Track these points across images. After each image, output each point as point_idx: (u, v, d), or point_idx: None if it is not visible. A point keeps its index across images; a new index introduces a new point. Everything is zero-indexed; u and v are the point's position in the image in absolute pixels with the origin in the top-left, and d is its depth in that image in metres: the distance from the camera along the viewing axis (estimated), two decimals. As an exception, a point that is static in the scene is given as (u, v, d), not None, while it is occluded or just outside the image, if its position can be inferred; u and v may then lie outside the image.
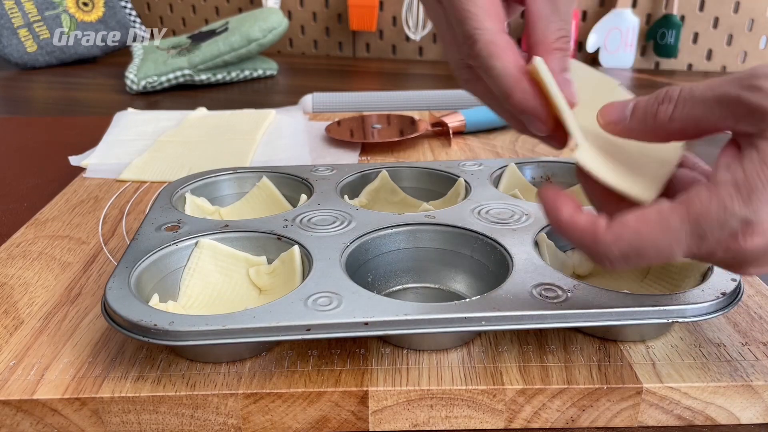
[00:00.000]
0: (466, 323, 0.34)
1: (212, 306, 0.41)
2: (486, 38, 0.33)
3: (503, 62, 0.33)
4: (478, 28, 0.33)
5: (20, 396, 0.34)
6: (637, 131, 0.32)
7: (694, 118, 0.30)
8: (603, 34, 1.27)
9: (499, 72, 0.33)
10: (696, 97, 0.30)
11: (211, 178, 0.54)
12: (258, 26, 1.09)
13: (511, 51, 0.33)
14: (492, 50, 0.33)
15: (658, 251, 0.29)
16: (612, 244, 0.29)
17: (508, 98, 0.33)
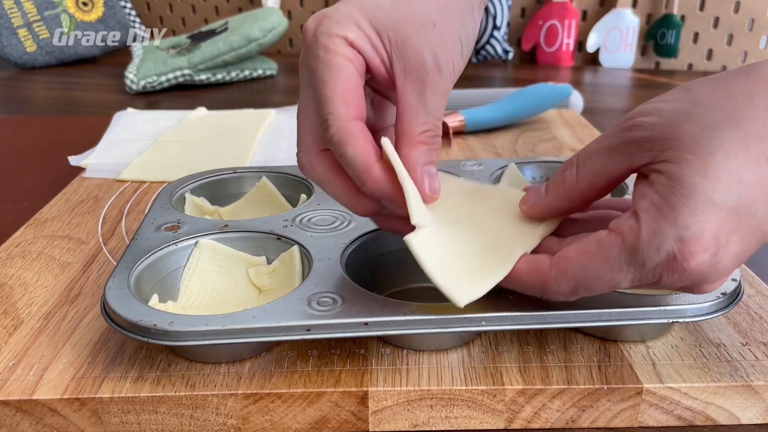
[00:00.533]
0: (466, 323, 0.34)
1: (212, 306, 0.41)
2: (339, 124, 0.33)
3: (353, 149, 0.33)
4: (331, 113, 0.33)
5: (20, 396, 0.34)
6: (556, 205, 0.34)
7: (596, 171, 0.32)
8: (603, 34, 1.27)
9: (350, 159, 0.33)
10: (592, 153, 0.32)
11: (211, 178, 0.54)
12: (258, 26, 1.09)
13: (362, 138, 0.33)
14: (344, 136, 0.33)
15: (603, 282, 0.30)
16: (560, 281, 0.31)
17: (362, 185, 0.34)
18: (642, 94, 1.13)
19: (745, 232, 0.29)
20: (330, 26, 0.33)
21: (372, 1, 0.34)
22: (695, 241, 0.28)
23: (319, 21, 0.34)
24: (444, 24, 0.34)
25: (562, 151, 0.72)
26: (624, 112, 0.32)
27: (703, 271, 0.29)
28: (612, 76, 1.23)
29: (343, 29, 0.33)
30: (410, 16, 0.33)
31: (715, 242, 0.28)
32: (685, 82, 0.32)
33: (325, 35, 0.33)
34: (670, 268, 0.29)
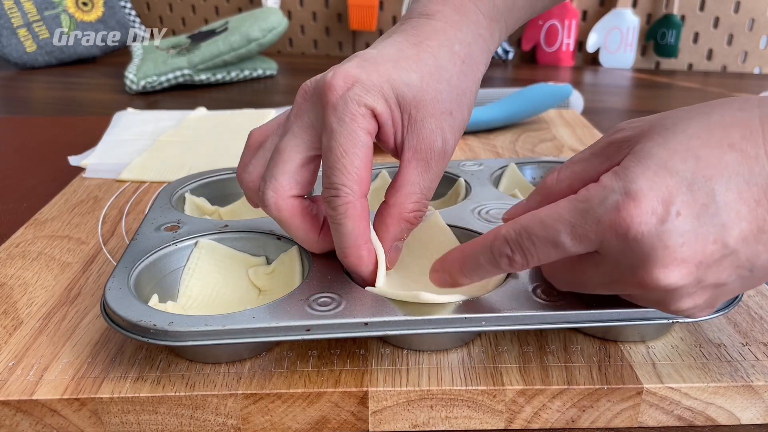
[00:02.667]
0: (466, 323, 0.34)
1: (212, 306, 0.41)
2: (348, 199, 0.34)
3: (353, 226, 0.35)
4: (345, 186, 0.34)
5: (19, 396, 0.34)
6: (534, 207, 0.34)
7: (576, 174, 0.33)
8: (603, 34, 1.27)
9: (346, 233, 0.35)
10: (575, 159, 0.34)
11: (211, 178, 0.54)
12: (258, 26, 1.09)
13: (364, 218, 0.35)
14: (349, 212, 0.34)
15: (545, 228, 0.30)
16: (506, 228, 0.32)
17: (344, 257, 0.36)
18: (642, 94, 1.13)
19: (700, 212, 0.28)
20: (361, 95, 0.34)
21: (403, 77, 0.35)
22: (641, 197, 0.28)
23: (351, 85, 0.34)
24: (457, 114, 0.36)
25: (562, 151, 0.72)
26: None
27: (648, 238, 0.28)
28: (612, 76, 1.23)
29: (372, 100, 0.34)
30: (433, 102, 0.35)
31: (662, 207, 0.28)
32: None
33: (354, 103, 0.34)
34: (612, 224, 0.28)
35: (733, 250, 0.28)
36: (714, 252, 0.28)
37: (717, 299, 0.31)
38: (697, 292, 0.30)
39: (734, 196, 0.28)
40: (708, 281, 0.29)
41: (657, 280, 0.29)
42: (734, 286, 0.30)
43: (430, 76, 0.35)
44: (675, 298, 0.30)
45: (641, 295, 0.32)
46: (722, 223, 0.28)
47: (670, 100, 1.07)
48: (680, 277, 0.29)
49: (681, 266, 0.28)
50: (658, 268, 0.28)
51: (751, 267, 0.29)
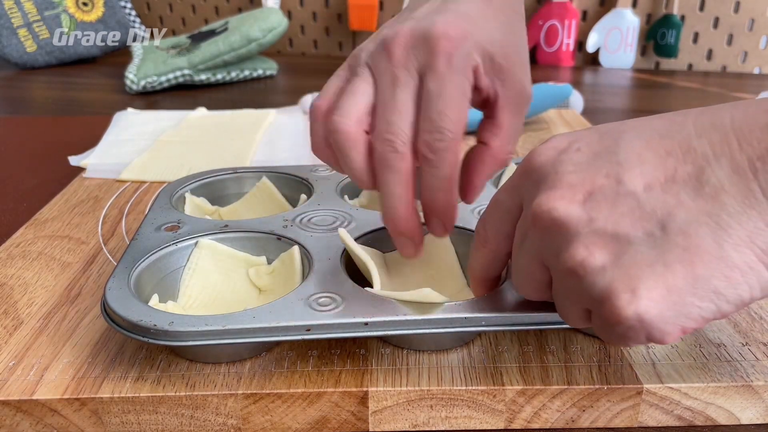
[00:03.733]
0: (466, 323, 0.34)
1: (212, 306, 0.41)
2: (449, 140, 0.35)
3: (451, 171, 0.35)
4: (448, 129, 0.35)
5: (20, 396, 0.34)
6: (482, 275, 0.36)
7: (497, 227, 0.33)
8: (603, 34, 1.27)
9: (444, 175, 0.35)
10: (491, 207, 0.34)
11: (211, 178, 0.54)
12: (258, 26, 1.09)
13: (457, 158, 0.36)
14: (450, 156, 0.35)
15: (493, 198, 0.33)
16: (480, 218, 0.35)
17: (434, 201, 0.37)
18: (642, 94, 1.13)
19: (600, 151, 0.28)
20: (471, 51, 0.35)
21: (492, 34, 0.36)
22: (552, 139, 0.30)
23: (464, 37, 0.35)
24: (527, 62, 0.39)
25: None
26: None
27: (544, 166, 0.29)
28: (612, 76, 1.23)
29: (477, 57, 0.36)
30: (515, 54, 0.38)
31: (566, 143, 0.29)
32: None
33: (466, 57, 0.35)
34: (524, 163, 0.31)
35: (630, 191, 0.26)
36: (605, 186, 0.26)
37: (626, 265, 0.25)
38: (590, 236, 0.26)
39: (641, 143, 0.27)
40: (601, 223, 0.26)
41: (540, 203, 0.28)
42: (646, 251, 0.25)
43: (508, 32, 0.38)
44: (566, 240, 0.27)
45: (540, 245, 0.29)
46: (618, 161, 0.27)
47: (670, 100, 1.07)
48: (564, 202, 0.27)
49: (565, 191, 0.27)
50: (544, 190, 0.28)
51: (661, 224, 0.25)
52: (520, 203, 0.31)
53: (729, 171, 0.25)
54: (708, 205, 0.25)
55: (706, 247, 0.25)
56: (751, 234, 0.24)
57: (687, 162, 0.26)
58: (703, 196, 0.25)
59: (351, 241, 0.39)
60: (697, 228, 0.25)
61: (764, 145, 0.25)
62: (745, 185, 0.25)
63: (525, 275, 0.31)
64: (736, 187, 0.25)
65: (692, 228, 0.25)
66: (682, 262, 0.25)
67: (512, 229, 0.32)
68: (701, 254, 0.25)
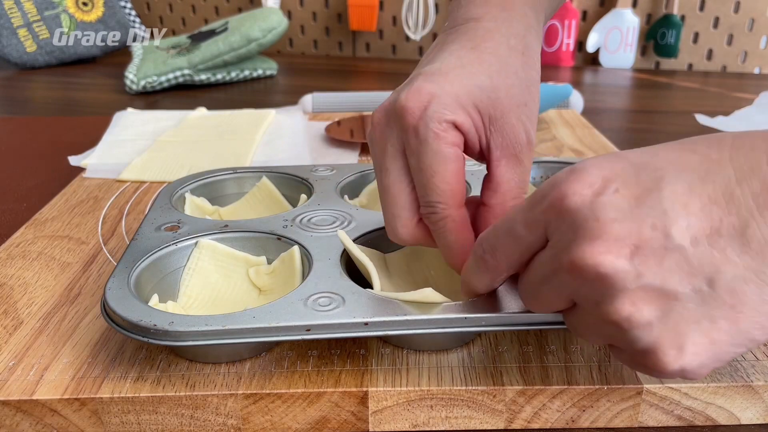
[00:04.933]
0: (466, 323, 0.34)
1: (212, 306, 0.41)
2: (446, 213, 0.35)
3: (455, 237, 0.35)
4: (441, 203, 0.34)
5: (20, 396, 0.34)
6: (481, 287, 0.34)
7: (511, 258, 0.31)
8: (603, 34, 1.27)
9: (450, 245, 0.35)
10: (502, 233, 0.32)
11: (211, 178, 0.54)
12: (258, 26, 1.09)
13: (465, 227, 0.35)
14: (449, 225, 0.35)
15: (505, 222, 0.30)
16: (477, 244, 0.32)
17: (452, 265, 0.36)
18: (642, 94, 1.13)
19: (641, 195, 0.26)
20: (439, 111, 0.34)
21: (473, 80, 0.35)
22: (582, 172, 0.27)
23: (426, 103, 0.34)
24: (531, 104, 0.36)
25: (562, 151, 0.72)
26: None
27: (581, 209, 0.26)
28: (612, 76, 1.23)
29: (451, 113, 0.34)
30: (507, 96, 0.35)
31: (601, 181, 0.27)
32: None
33: (435, 121, 0.34)
34: (552, 199, 0.27)
35: (679, 245, 0.25)
36: (652, 239, 0.25)
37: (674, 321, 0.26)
38: (637, 292, 0.26)
39: (683, 188, 0.26)
40: (649, 279, 0.25)
41: (584, 256, 0.26)
42: (694, 308, 0.26)
43: (498, 74, 0.35)
44: (611, 294, 0.26)
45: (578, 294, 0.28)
46: (664, 210, 0.25)
47: (669, 100, 1.07)
48: (611, 257, 0.25)
49: (612, 244, 0.25)
50: (587, 241, 0.26)
51: (709, 281, 0.25)
52: (543, 238, 0.29)
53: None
54: (754, 262, 0.25)
55: (751, 304, 0.25)
56: None
57: (731, 213, 0.25)
58: (749, 252, 0.25)
59: (350, 243, 0.39)
60: (744, 286, 0.25)
61: None
62: None
63: (542, 303, 0.30)
64: None
65: (739, 286, 0.25)
66: (728, 319, 0.26)
67: (528, 258, 0.30)
68: (746, 311, 0.25)
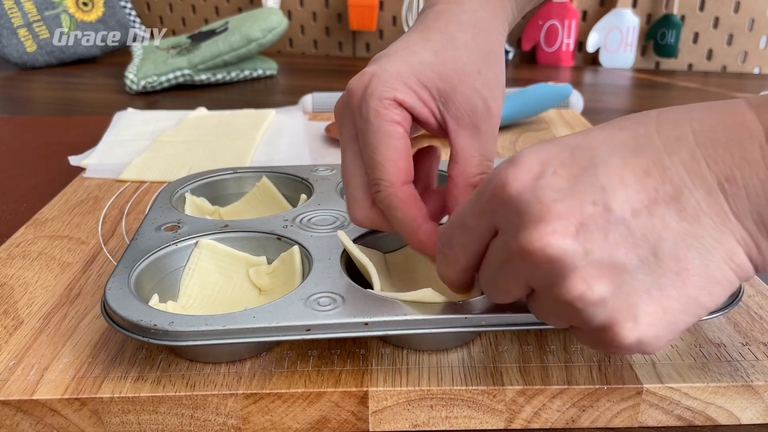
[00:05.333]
0: (466, 323, 0.34)
1: (212, 306, 0.41)
2: (390, 190, 0.35)
3: (402, 214, 0.35)
4: (383, 179, 0.34)
5: (20, 396, 0.34)
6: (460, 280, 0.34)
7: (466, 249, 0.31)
8: (603, 34, 1.27)
9: (399, 221, 0.35)
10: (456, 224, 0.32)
11: (211, 178, 0.54)
12: (258, 26, 1.09)
13: (411, 203, 0.35)
14: (393, 202, 0.35)
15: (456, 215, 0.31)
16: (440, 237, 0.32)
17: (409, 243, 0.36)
18: (642, 94, 1.13)
19: (579, 173, 0.26)
20: (378, 88, 0.34)
21: (416, 57, 0.35)
22: (521, 159, 0.28)
23: (367, 82, 0.35)
24: (487, 71, 0.36)
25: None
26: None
27: (522, 194, 0.26)
28: (612, 76, 1.23)
29: (391, 90, 0.34)
30: (456, 67, 0.35)
31: (539, 165, 0.27)
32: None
33: (375, 99, 0.34)
34: (495, 189, 0.28)
35: (621, 218, 0.26)
36: (595, 215, 0.26)
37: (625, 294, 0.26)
38: (587, 269, 0.26)
39: (618, 163, 0.26)
40: (597, 255, 0.26)
41: (531, 239, 0.26)
42: (643, 278, 0.26)
43: (443, 49, 0.36)
44: (562, 275, 0.26)
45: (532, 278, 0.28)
46: (602, 186, 0.26)
47: (670, 100, 1.07)
48: (557, 237, 0.25)
49: (555, 223, 0.26)
50: (532, 224, 0.26)
51: (653, 249, 0.26)
52: (492, 227, 0.29)
53: (704, 193, 0.26)
54: (692, 227, 0.26)
55: (695, 270, 0.26)
56: (729, 252, 0.26)
57: (665, 182, 0.26)
58: (686, 218, 0.26)
59: (350, 243, 0.39)
60: (686, 252, 0.26)
61: (728, 165, 0.26)
62: (720, 207, 0.26)
63: (502, 292, 0.30)
64: (712, 208, 0.26)
65: (682, 252, 0.26)
66: (675, 285, 0.26)
67: (483, 248, 0.30)
68: (691, 276, 0.26)
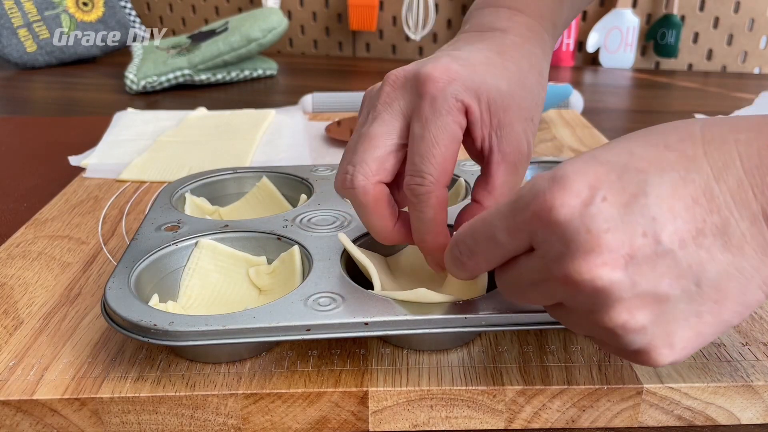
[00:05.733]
0: (466, 323, 0.34)
1: (212, 306, 0.41)
2: (432, 188, 0.35)
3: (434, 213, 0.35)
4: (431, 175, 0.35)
5: (20, 396, 0.34)
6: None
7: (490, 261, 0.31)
8: (603, 33, 1.27)
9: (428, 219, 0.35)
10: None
11: (211, 178, 0.54)
12: (258, 26, 1.09)
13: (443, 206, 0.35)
14: (432, 201, 0.35)
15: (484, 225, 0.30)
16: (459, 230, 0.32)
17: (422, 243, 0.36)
18: (642, 94, 1.13)
19: (629, 201, 0.26)
20: (460, 91, 0.35)
21: (494, 81, 0.36)
22: (566, 180, 0.26)
23: (451, 80, 0.35)
24: (536, 120, 0.38)
25: (562, 152, 0.72)
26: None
27: (571, 222, 0.26)
28: (612, 76, 1.23)
29: (469, 98, 0.35)
30: (519, 108, 0.37)
31: (588, 191, 0.26)
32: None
33: (452, 97, 0.35)
34: (537, 210, 0.27)
35: (669, 250, 0.26)
36: (644, 247, 0.26)
37: (665, 322, 0.27)
38: (632, 300, 0.26)
39: (668, 191, 0.26)
40: (643, 287, 0.26)
41: (580, 270, 0.26)
42: (683, 307, 0.26)
43: (516, 84, 0.37)
44: (607, 304, 0.26)
45: (571, 301, 0.28)
46: (653, 216, 0.26)
47: (669, 100, 1.07)
48: (607, 270, 0.26)
49: (606, 255, 0.25)
50: (581, 254, 0.26)
51: (696, 280, 0.26)
52: (526, 245, 0.28)
53: (748, 223, 0.26)
54: (735, 258, 0.26)
55: (733, 298, 0.27)
56: (765, 278, 0.27)
57: (713, 212, 0.26)
58: (731, 249, 0.26)
59: (350, 245, 0.39)
60: (728, 282, 0.26)
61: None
62: (762, 235, 0.26)
63: (527, 300, 0.30)
64: (755, 239, 0.26)
65: (723, 282, 0.26)
66: (712, 313, 0.27)
67: (508, 260, 0.30)
68: (729, 303, 0.27)
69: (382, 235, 0.37)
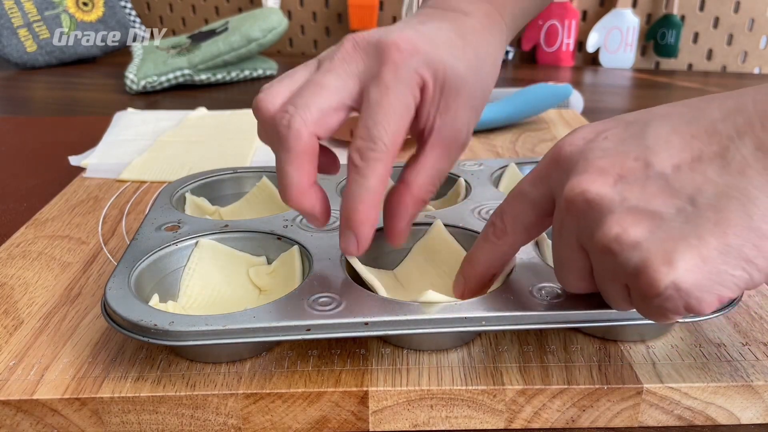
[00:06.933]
0: (466, 323, 0.34)
1: (212, 306, 0.41)
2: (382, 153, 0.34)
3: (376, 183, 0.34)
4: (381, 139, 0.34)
5: (20, 396, 0.34)
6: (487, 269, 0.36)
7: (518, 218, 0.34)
8: (603, 33, 1.27)
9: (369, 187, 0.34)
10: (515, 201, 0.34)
11: (211, 178, 0.54)
12: (258, 26, 1.09)
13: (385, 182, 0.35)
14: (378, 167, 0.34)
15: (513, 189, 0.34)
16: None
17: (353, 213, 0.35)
18: (642, 94, 1.13)
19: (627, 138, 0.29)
20: (421, 65, 0.34)
21: (454, 63, 0.35)
22: (578, 129, 0.31)
23: (415, 52, 0.35)
24: (479, 111, 0.38)
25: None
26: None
27: (573, 155, 0.30)
28: (612, 76, 1.23)
29: (428, 74, 0.35)
30: (469, 96, 0.36)
31: (594, 134, 0.30)
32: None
33: (412, 70, 0.34)
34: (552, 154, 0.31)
35: (660, 173, 0.27)
36: (635, 168, 0.28)
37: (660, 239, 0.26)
38: (623, 215, 0.27)
39: (667, 129, 0.28)
40: (632, 202, 0.27)
41: (572, 187, 0.29)
42: (679, 226, 0.26)
43: (472, 70, 0.37)
44: (600, 219, 0.28)
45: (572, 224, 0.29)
46: (646, 145, 0.28)
47: (670, 100, 1.06)
48: (596, 185, 0.28)
49: (597, 173, 0.28)
50: (575, 175, 0.29)
51: (691, 200, 0.26)
52: (547, 193, 0.31)
53: (752, 148, 0.26)
54: (735, 180, 0.26)
55: (736, 219, 0.26)
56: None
57: (712, 143, 0.27)
58: (730, 172, 0.26)
59: (359, 265, 0.38)
60: (727, 202, 0.26)
61: None
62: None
63: (567, 264, 0.32)
64: (760, 162, 0.26)
65: (722, 202, 0.26)
66: (714, 234, 0.26)
67: (534, 220, 0.33)
68: (732, 226, 0.26)
69: (295, 191, 0.35)
